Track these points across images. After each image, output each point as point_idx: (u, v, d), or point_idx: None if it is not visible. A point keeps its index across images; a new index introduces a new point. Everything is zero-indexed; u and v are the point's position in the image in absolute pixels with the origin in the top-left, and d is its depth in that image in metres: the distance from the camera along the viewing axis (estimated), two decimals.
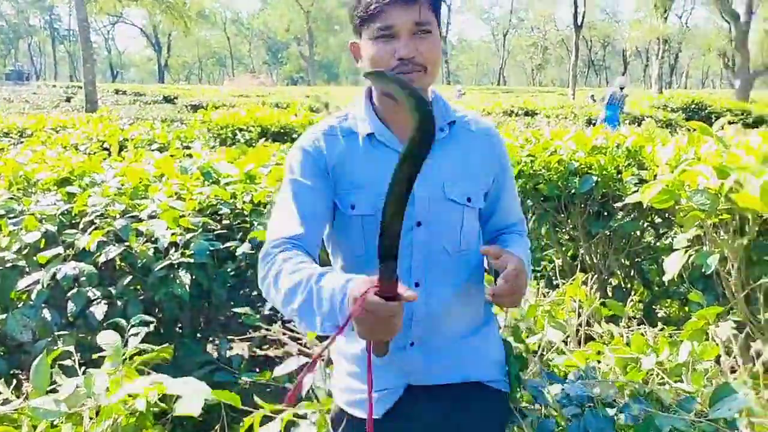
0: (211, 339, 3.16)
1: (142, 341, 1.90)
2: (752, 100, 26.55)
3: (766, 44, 34.39)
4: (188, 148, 5.42)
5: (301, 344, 2.23)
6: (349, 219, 1.41)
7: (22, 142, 6.04)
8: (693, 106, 17.60)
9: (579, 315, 2.19)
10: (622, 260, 3.25)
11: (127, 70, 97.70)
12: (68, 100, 25.62)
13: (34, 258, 2.52)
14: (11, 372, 2.51)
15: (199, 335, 2.84)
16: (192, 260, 2.43)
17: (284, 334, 2.20)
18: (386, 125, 1.42)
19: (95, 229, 2.48)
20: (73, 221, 2.66)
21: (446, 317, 1.46)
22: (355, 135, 1.44)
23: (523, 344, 1.86)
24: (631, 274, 3.30)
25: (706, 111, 17.33)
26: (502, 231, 1.62)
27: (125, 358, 1.78)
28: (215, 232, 2.67)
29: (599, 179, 2.97)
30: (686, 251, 2.39)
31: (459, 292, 1.47)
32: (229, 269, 2.67)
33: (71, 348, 1.95)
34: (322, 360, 1.90)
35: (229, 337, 2.62)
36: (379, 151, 1.41)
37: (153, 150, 5.35)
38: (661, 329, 2.18)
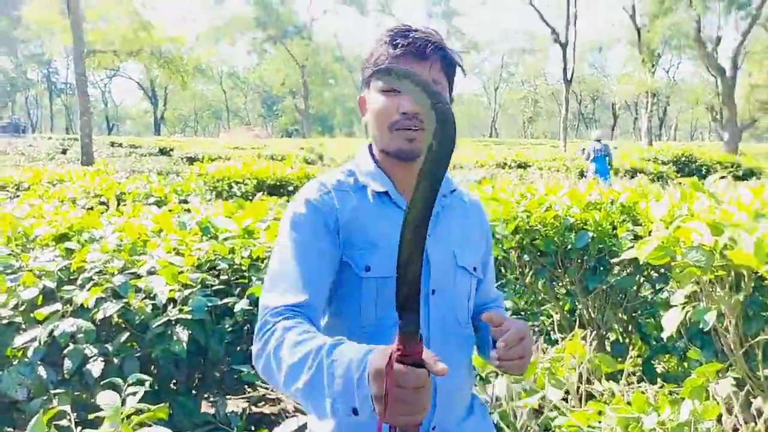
0: (206, 396, 3.12)
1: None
2: (741, 152, 27.00)
3: (752, 98, 35.13)
4: (185, 201, 5.46)
5: (298, 402, 2.20)
6: (361, 283, 1.26)
7: (18, 196, 6.07)
8: (683, 158, 17.86)
9: (579, 372, 2.19)
10: (620, 315, 3.25)
11: (123, 123, 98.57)
12: (64, 152, 25.77)
13: (31, 314, 2.51)
14: (4, 431, 2.47)
15: (194, 392, 2.81)
16: (190, 317, 2.42)
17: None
18: (394, 185, 1.33)
19: (94, 285, 2.48)
20: (71, 277, 2.66)
21: (458, 395, 1.37)
22: (365, 191, 1.33)
23: (512, 428, 1.84)
24: (629, 329, 3.30)
25: (696, 164, 17.59)
26: (485, 307, 1.52)
27: (123, 419, 1.76)
28: (213, 288, 2.68)
29: (595, 235, 3.00)
30: (683, 307, 2.40)
31: (469, 368, 1.41)
32: (226, 325, 2.66)
33: (67, 407, 1.93)
34: None
35: (227, 396, 2.59)
36: (390, 210, 1.32)
37: (150, 203, 5.38)
38: (661, 386, 2.17)
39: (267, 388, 2.28)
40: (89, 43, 19.99)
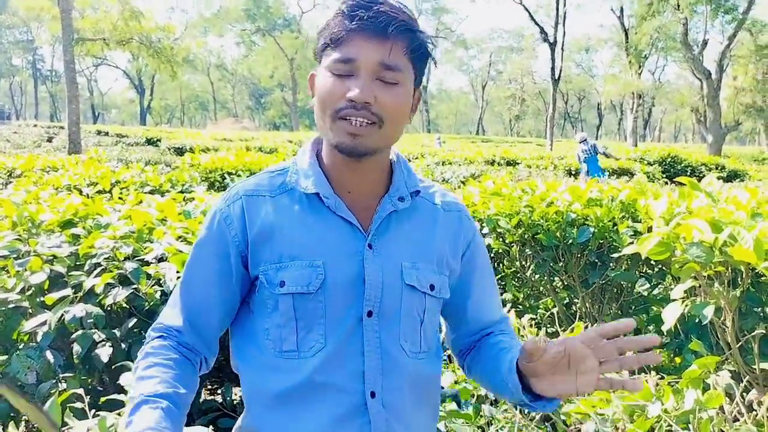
0: (213, 382, 3.15)
1: None
2: (725, 154, 27.34)
3: (737, 101, 35.59)
4: (182, 192, 5.46)
5: None
6: (276, 302, 1.12)
7: (11, 182, 6.03)
8: (669, 159, 18.06)
9: None
10: (615, 310, 3.32)
11: (109, 112, 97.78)
12: (50, 140, 25.54)
13: (38, 299, 2.52)
14: (11, 414, 2.48)
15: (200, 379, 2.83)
16: None
17: None
18: (332, 185, 1.16)
19: (103, 271, 2.49)
20: (78, 263, 2.67)
21: None
22: (292, 193, 1.16)
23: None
24: None
25: (682, 165, 17.80)
26: (488, 331, 1.31)
27: None
28: None
29: (596, 230, 3.07)
30: (683, 301, 2.47)
31: (419, 406, 1.19)
32: None
33: (81, 390, 1.95)
34: None
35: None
36: (319, 214, 1.14)
37: (146, 192, 5.37)
38: (661, 377, 2.23)
39: None
40: (78, 31, 19.80)
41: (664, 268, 2.91)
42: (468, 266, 1.27)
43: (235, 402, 2.59)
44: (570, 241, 3.12)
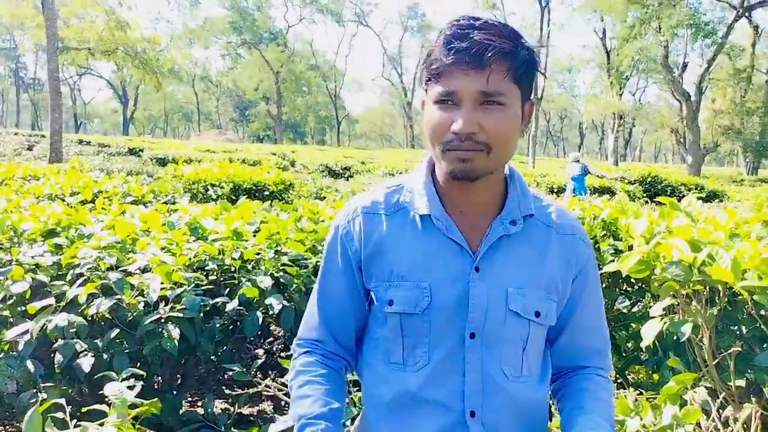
0: (192, 394, 3.14)
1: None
2: (704, 175, 27.76)
3: (715, 123, 36.21)
4: (165, 203, 5.44)
5: (275, 404, 2.24)
6: (385, 317, 1.19)
7: None
8: (650, 179, 18.32)
9: None
10: None
11: (91, 121, 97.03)
12: (30, 148, 25.27)
13: (19, 309, 2.51)
14: None
15: (176, 391, 2.82)
16: (181, 314, 2.45)
17: (279, 390, 2.22)
18: (444, 204, 1.17)
19: (86, 281, 2.49)
20: (60, 273, 2.66)
21: None
22: (406, 212, 1.20)
23: None
24: None
25: (662, 184, 18.06)
26: (583, 364, 1.29)
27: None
28: (201, 287, 2.70)
29: None
30: (662, 319, 2.51)
31: (522, 429, 1.21)
32: (216, 324, 2.69)
33: (62, 400, 1.94)
34: None
35: (220, 395, 2.61)
36: (431, 236, 1.16)
37: (128, 203, 5.35)
38: (640, 393, 2.27)
39: (260, 384, 2.31)
40: (63, 40, 19.70)
41: (644, 286, 2.95)
42: (575, 293, 1.24)
43: (216, 414, 2.58)
44: None
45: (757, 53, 37.58)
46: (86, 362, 2.33)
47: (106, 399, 1.84)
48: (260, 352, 3.69)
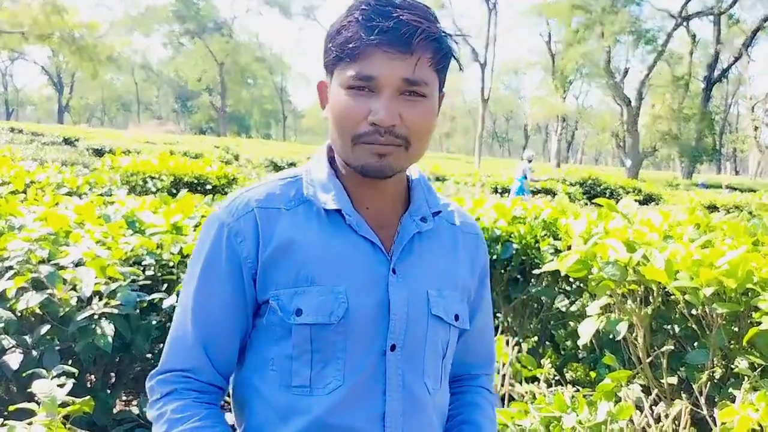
0: (127, 393, 3.05)
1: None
2: (641, 178, 28.74)
3: (654, 128, 37.52)
4: (102, 195, 5.27)
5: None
6: (289, 331, 0.99)
7: None
8: (590, 181, 18.86)
9: (503, 375, 2.31)
10: (535, 324, 3.43)
11: (24, 108, 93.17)
12: None
13: None
14: None
15: (110, 390, 2.73)
16: (116, 311, 2.37)
17: None
18: (352, 202, 1.04)
19: (15, 274, 2.38)
20: None
21: None
22: (309, 206, 1.04)
23: None
24: (542, 338, 3.49)
25: (602, 187, 18.63)
26: (475, 373, 1.22)
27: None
28: (138, 283, 2.63)
29: (519, 247, 3.16)
30: (598, 317, 2.58)
31: None
32: (152, 321, 2.62)
33: None
34: None
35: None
36: (341, 234, 1.02)
37: (63, 194, 5.16)
38: (577, 390, 2.32)
39: None
40: None
41: (581, 285, 3.03)
42: (476, 295, 1.17)
43: None
44: (494, 257, 3.20)
45: (695, 61, 39.20)
46: (14, 359, 2.23)
47: (35, 397, 1.76)
48: None
